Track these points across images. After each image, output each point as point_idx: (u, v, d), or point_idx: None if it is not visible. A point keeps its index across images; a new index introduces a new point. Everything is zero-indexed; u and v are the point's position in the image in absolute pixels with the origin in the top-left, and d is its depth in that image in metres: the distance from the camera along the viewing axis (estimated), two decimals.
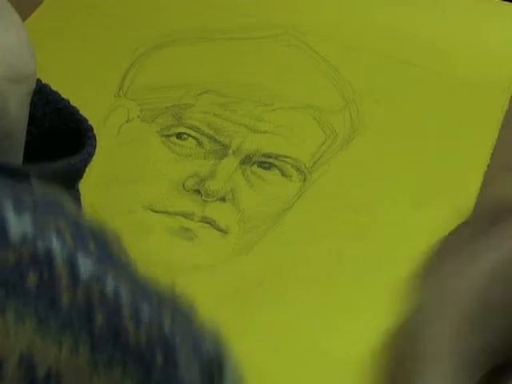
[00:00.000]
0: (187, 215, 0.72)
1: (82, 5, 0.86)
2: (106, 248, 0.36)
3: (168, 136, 0.77)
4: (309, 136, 0.77)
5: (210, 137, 0.76)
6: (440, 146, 0.77)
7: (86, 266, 0.34)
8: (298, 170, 0.75)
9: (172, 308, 0.37)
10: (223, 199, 0.73)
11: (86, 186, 0.73)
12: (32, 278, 0.33)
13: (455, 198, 0.74)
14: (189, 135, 0.76)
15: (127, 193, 0.73)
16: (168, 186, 0.74)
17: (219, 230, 0.72)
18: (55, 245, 0.34)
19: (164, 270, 0.68)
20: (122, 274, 0.35)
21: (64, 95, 0.79)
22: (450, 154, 0.77)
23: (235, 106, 0.79)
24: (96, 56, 0.82)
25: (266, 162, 0.75)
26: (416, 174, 0.75)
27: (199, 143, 0.76)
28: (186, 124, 0.77)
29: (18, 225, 0.34)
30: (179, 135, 0.76)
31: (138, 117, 0.78)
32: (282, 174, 0.75)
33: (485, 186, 0.73)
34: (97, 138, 0.58)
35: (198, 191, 0.73)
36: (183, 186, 0.74)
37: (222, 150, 0.75)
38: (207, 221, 0.72)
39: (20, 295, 0.33)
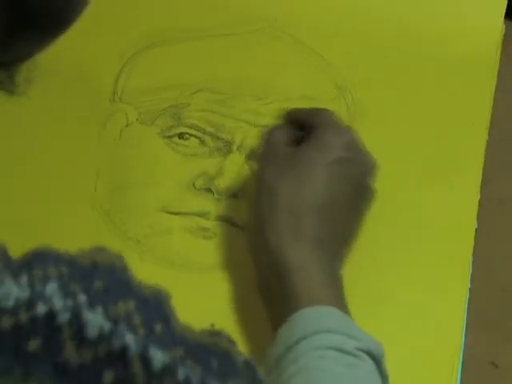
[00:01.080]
0: (203, 214, 0.72)
1: None
2: (168, 322, 0.37)
3: (170, 137, 0.76)
4: None
5: (211, 134, 0.76)
6: (436, 125, 0.79)
7: (157, 357, 0.35)
8: None
9: (232, 372, 0.38)
10: (235, 196, 0.73)
11: (97, 191, 0.73)
12: (108, 377, 0.34)
13: (457, 174, 0.76)
14: (191, 135, 0.76)
15: (139, 196, 0.73)
16: (178, 186, 0.74)
17: (237, 226, 0.72)
18: (129, 339, 0.34)
19: (187, 270, 0.69)
20: (187, 344, 0.36)
21: (57, 103, 0.78)
22: (447, 132, 0.78)
23: (231, 102, 0.79)
24: (84, 61, 0.81)
25: None
26: (417, 154, 0.77)
27: (202, 142, 0.76)
28: (186, 123, 0.77)
29: (94, 321, 0.34)
30: (181, 135, 0.76)
31: (137, 120, 0.77)
32: None
33: (484, 184, 0.75)
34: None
35: (209, 190, 0.73)
36: (193, 185, 0.74)
37: (226, 147, 0.76)
38: (224, 218, 0.72)
39: None
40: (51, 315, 0.33)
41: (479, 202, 0.74)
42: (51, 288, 0.34)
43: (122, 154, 0.75)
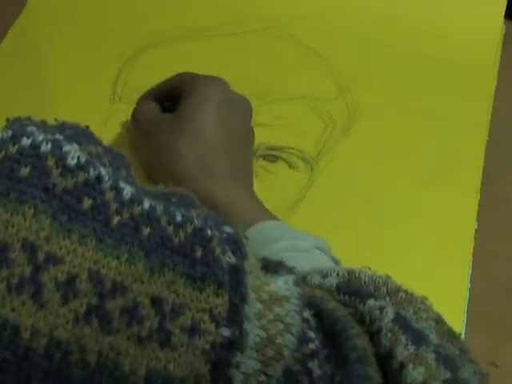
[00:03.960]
0: None
1: (64, 11, 0.84)
2: (129, 171, 0.42)
3: None
4: (309, 126, 0.78)
5: None
6: (436, 125, 0.79)
7: (126, 190, 0.39)
8: (303, 160, 0.76)
9: (192, 204, 0.42)
10: None
11: None
12: (87, 202, 0.38)
13: (457, 174, 0.76)
14: None
15: None
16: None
17: None
18: (103, 172, 0.39)
19: None
20: (148, 191, 0.41)
21: (57, 104, 0.78)
22: (447, 132, 0.78)
23: None
24: (84, 62, 0.81)
25: (271, 155, 0.76)
26: (417, 154, 0.77)
27: None
28: None
29: (72, 151, 0.38)
30: None
31: None
32: (289, 166, 0.75)
33: (485, 184, 0.75)
34: None
35: None
36: None
37: None
38: None
39: (80, 218, 0.38)
40: (35, 145, 0.38)
41: (480, 201, 0.74)
42: (31, 128, 0.38)
43: (122, 154, 0.75)
